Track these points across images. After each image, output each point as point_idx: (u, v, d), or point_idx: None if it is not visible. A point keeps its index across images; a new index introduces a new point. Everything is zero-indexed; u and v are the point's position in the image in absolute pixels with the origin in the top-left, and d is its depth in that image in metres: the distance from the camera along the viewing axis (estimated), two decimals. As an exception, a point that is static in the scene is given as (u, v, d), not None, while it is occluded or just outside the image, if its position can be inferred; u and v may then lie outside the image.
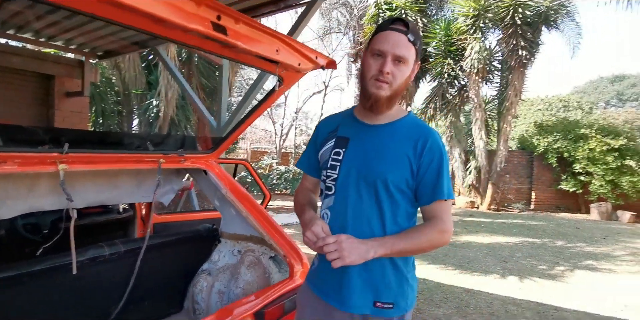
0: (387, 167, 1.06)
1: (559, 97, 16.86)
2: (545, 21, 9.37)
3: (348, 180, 1.11)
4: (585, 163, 9.91)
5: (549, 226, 8.22)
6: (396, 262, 1.09)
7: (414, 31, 1.07)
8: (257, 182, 3.25)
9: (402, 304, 1.09)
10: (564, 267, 4.99)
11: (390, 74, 1.05)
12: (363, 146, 1.12)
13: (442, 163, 1.07)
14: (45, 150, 1.24)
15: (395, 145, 1.08)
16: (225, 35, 1.12)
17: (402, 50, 1.04)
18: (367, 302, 1.08)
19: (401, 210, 1.09)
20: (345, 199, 1.11)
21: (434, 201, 1.07)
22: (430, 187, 1.07)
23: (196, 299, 2.08)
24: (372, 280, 1.08)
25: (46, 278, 1.44)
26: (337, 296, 1.11)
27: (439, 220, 1.07)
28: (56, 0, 0.85)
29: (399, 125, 1.12)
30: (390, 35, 1.05)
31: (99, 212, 2.31)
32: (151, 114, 7.89)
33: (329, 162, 1.15)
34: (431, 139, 1.07)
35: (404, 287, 1.10)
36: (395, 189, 1.06)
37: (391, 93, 1.07)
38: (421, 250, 1.08)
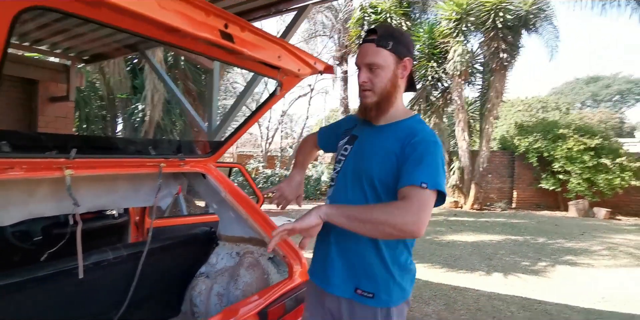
0: (373, 165, 1.13)
1: (538, 98, 17.39)
2: (525, 25, 9.70)
3: (345, 175, 1.21)
4: (564, 162, 10.25)
5: (530, 224, 8.48)
6: (382, 255, 1.13)
7: (385, 35, 1.13)
8: (250, 185, 3.28)
9: (383, 297, 1.12)
10: (546, 263, 5.17)
11: (367, 82, 1.15)
12: (362, 144, 1.21)
13: (427, 154, 1.05)
14: (52, 156, 1.26)
15: (387, 144, 1.14)
16: (233, 42, 1.17)
17: (370, 58, 1.13)
18: (349, 287, 1.15)
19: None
20: (339, 191, 1.21)
21: (405, 186, 1.02)
22: (405, 173, 1.05)
23: (195, 302, 2.09)
24: (352, 265, 1.15)
25: (50, 283, 1.44)
26: (322, 277, 1.20)
27: (405, 200, 1.00)
28: (80, 13, 0.88)
29: (398, 126, 1.18)
30: (360, 48, 1.18)
31: (95, 217, 2.30)
32: (136, 119, 7.79)
33: (338, 157, 1.26)
34: (417, 137, 1.09)
35: (388, 281, 1.13)
36: (380, 185, 1.12)
37: (377, 98, 1.16)
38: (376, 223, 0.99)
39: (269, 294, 1.65)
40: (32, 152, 1.24)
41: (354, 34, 10.50)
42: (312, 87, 16.38)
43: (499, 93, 9.98)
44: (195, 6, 1.03)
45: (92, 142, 1.76)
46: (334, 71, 1.68)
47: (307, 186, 12.19)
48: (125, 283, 1.77)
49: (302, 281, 1.84)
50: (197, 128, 4.52)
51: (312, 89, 16.43)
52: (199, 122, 4.22)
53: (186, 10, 1.02)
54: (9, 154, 1.18)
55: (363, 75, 1.15)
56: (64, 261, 1.47)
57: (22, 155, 1.21)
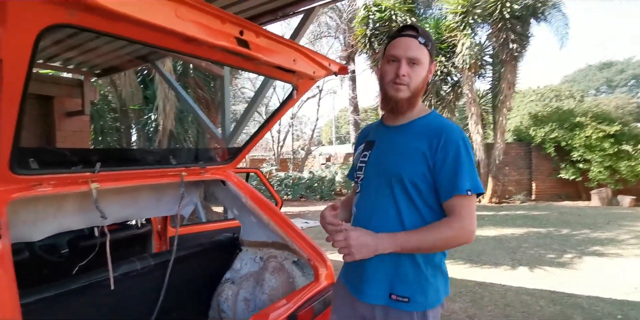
0: (402, 164, 1.10)
1: (551, 87, 17.08)
2: (533, 14, 9.52)
3: (369, 180, 1.18)
4: (583, 151, 10.03)
5: (552, 215, 8.30)
6: (415, 258, 1.10)
7: (424, 34, 1.14)
8: (269, 189, 3.28)
9: (419, 300, 1.09)
10: (572, 255, 5.05)
11: (406, 76, 1.11)
12: (383, 146, 1.19)
13: (460, 157, 1.06)
14: (78, 171, 1.28)
15: (411, 142, 1.12)
16: (249, 49, 1.16)
17: (415, 53, 1.11)
18: (383, 293, 1.11)
19: (420, 206, 1.10)
20: (367, 196, 1.18)
21: (452, 197, 1.05)
22: (446, 182, 1.06)
23: (222, 308, 2.10)
24: (386, 272, 1.11)
25: (83, 296, 1.46)
26: (357, 286, 1.17)
27: (456, 217, 1.05)
28: (100, 28, 0.89)
29: (418, 123, 1.16)
30: (401, 40, 1.13)
31: (119, 228, 2.34)
32: (150, 128, 7.90)
33: (358, 164, 1.24)
34: (446, 135, 1.08)
35: (422, 283, 1.10)
36: (410, 185, 1.09)
37: (410, 94, 1.13)
38: (436, 249, 1.08)
39: (297, 297, 1.64)
40: (58, 167, 1.26)
41: (359, 33, 10.45)
42: (321, 88, 16.41)
43: (511, 84, 9.81)
44: (211, 14, 1.04)
45: (114, 155, 1.79)
46: (348, 72, 1.67)
47: (322, 187, 12.19)
48: (153, 292, 1.79)
49: (328, 284, 1.83)
50: (211, 135, 4.55)
51: (320, 90, 16.46)
52: (212, 129, 4.25)
53: (202, 19, 1.03)
54: (37, 170, 1.20)
55: (405, 68, 1.10)
56: (93, 273, 1.49)
57: (49, 172, 1.23)
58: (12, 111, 0.97)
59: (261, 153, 21.80)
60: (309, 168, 16.17)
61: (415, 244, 1.04)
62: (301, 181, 12.29)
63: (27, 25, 0.83)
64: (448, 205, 1.07)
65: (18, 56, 0.88)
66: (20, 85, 0.93)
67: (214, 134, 4.23)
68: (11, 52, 0.86)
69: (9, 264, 1.00)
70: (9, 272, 0.99)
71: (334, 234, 1.05)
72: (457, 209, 1.05)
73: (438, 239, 1.04)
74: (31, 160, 1.19)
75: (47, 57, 4.12)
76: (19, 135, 1.04)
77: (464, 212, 1.04)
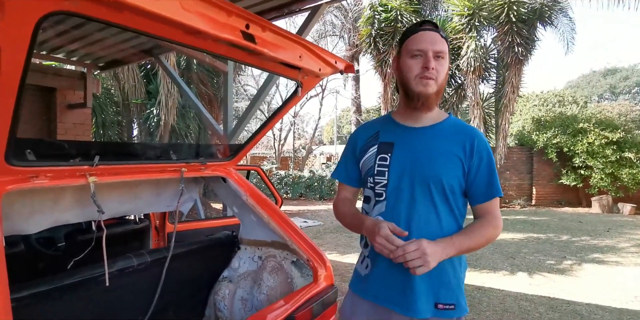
0: (440, 168, 1.08)
1: (554, 92, 16.99)
2: (540, 18, 9.46)
3: (400, 185, 1.10)
4: (585, 157, 9.98)
5: (553, 221, 8.27)
6: (453, 262, 1.09)
7: (441, 31, 1.13)
8: (269, 187, 3.26)
9: (463, 304, 1.09)
10: (572, 261, 5.02)
11: (434, 70, 1.08)
12: (411, 149, 1.12)
13: (492, 161, 1.11)
14: (76, 164, 1.25)
15: (445, 146, 1.10)
16: (254, 43, 1.13)
17: (440, 46, 1.09)
18: (430, 306, 1.07)
19: (455, 210, 1.11)
20: (398, 203, 1.10)
21: (491, 199, 1.11)
22: (484, 185, 1.10)
23: (219, 307, 2.08)
24: (432, 281, 1.07)
25: (77, 291, 1.44)
26: (400, 301, 1.09)
27: (492, 217, 1.10)
28: (102, 17, 0.86)
29: (443, 126, 1.14)
30: (424, 34, 1.10)
31: (117, 222, 2.31)
32: (152, 123, 7.88)
33: (375, 169, 1.14)
34: (477, 139, 1.11)
35: (461, 286, 1.11)
36: (449, 190, 1.08)
37: (437, 88, 1.11)
38: (480, 247, 1.10)
39: (295, 299, 1.62)
40: (56, 160, 1.23)
41: (364, 33, 10.40)
42: (324, 87, 16.38)
43: (515, 88, 9.75)
44: (217, 6, 1.01)
45: (114, 148, 1.76)
46: (354, 70, 1.64)
47: (322, 186, 12.16)
48: (150, 289, 1.76)
49: (327, 285, 1.80)
50: (212, 131, 4.53)
51: (323, 89, 16.43)
52: (214, 125, 4.22)
53: (208, 11, 1.00)
54: (33, 162, 1.17)
55: (433, 62, 1.07)
56: (89, 269, 1.47)
57: (46, 164, 1.20)
58: (9, 101, 0.94)
59: (262, 151, 21.78)
60: (310, 167, 16.15)
61: (468, 245, 1.05)
62: (301, 180, 12.27)
63: (25, 13, 0.80)
64: (483, 207, 1.12)
65: (16, 45, 0.85)
66: (18, 74, 0.90)
67: (215, 130, 4.20)
68: (9, 41, 0.83)
69: (1, 259, 0.97)
70: (1, 266, 0.96)
71: (405, 246, 0.95)
72: (492, 210, 1.12)
73: (484, 238, 1.08)
74: (28, 151, 1.16)
75: (51, 48, 4.09)
76: (16, 126, 1.01)
77: (497, 212, 1.13)
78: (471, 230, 1.08)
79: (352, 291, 1.24)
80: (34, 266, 2.18)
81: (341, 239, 6.22)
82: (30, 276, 1.62)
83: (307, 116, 24.94)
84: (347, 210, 1.24)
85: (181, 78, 5.87)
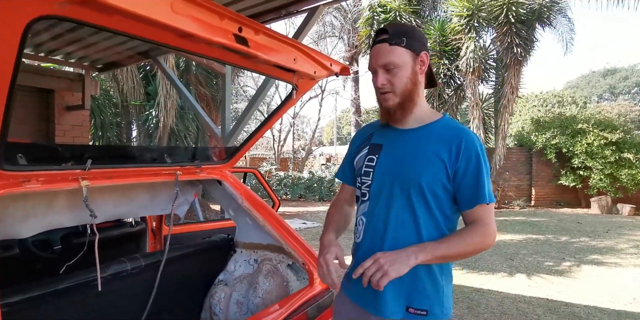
0: (420, 171, 1.05)
1: (553, 92, 16.99)
2: (538, 18, 9.47)
3: (381, 186, 1.10)
4: (584, 157, 9.98)
5: (552, 222, 8.26)
6: (432, 270, 1.07)
7: (397, 32, 1.08)
8: (266, 190, 3.25)
9: (437, 312, 1.06)
10: (571, 263, 5.01)
11: (386, 84, 1.08)
12: (395, 151, 1.12)
13: (480, 165, 1.04)
14: (68, 168, 1.24)
15: (428, 148, 1.07)
16: (247, 46, 1.13)
17: (385, 58, 1.07)
18: (399, 307, 1.06)
19: (437, 215, 1.07)
20: (378, 204, 1.11)
21: (476, 205, 1.05)
22: (470, 191, 1.04)
23: (214, 310, 2.07)
24: (403, 284, 1.06)
25: (70, 296, 1.43)
26: (372, 302, 1.10)
27: (481, 224, 1.05)
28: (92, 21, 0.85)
29: (432, 128, 1.11)
30: (373, 50, 1.12)
31: (113, 225, 2.30)
32: (150, 125, 7.87)
33: (363, 169, 1.16)
34: (465, 141, 1.05)
35: (439, 294, 1.07)
36: (429, 193, 1.05)
37: (399, 99, 1.09)
38: (464, 255, 1.06)
39: (290, 302, 1.61)
40: (48, 164, 1.23)
41: (363, 34, 10.41)
42: (323, 89, 16.38)
43: (514, 89, 9.76)
44: (208, 10, 1.00)
45: (107, 152, 1.75)
46: (350, 73, 1.63)
47: (321, 187, 12.15)
48: (144, 293, 1.75)
49: (323, 289, 1.79)
50: (211, 133, 4.52)
51: (323, 90, 16.42)
52: (212, 127, 4.22)
53: (199, 14, 0.99)
54: (25, 166, 1.16)
55: (381, 78, 1.08)
56: (83, 273, 1.46)
57: (38, 168, 1.19)
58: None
59: (262, 152, 21.76)
60: (309, 168, 16.13)
61: (445, 252, 1.01)
62: (301, 181, 12.25)
63: (14, 17, 0.79)
64: (470, 213, 1.07)
65: (5, 48, 0.84)
66: (7, 77, 0.89)
67: (213, 132, 4.19)
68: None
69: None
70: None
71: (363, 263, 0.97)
72: (480, 216, 1.06)
73: (466, 245, 1.03)
74: (19, 155, 1.15)
75: (49, 50, 4.08)
76: (7, 130, 1.00)
77: (487, 219, 1.06)
78: (452, 237, 1.05)
79: (341, 290, 1.26)
80: (30, 269, 2.17)
81: (341, 240, 6.20)
82: (27, 279, 1.61)
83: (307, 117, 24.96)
84: (331, 215, 1.31)
85: (180, 80, 5.87)
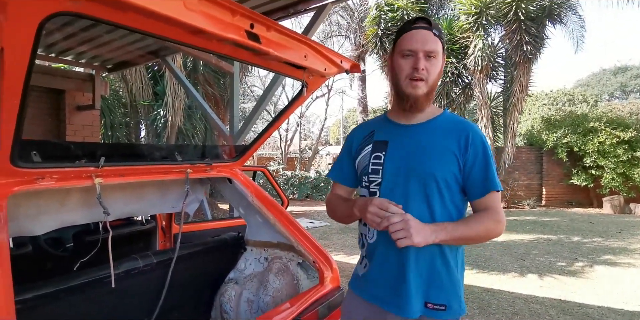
0: (434, 164, 1.06)
1: (564, 91, 16.75)
2: (549, 15, 9.34)
3: (394, 183, 1.10)
4: (596, 156, 9.84)
5: (563, 222, 8.15)
6: (448, 262, 1.07)
7: (437, 26, 1.10)
8: (275, 188, 3.24)
9: (455, 307, 1.06)
10: (583, 263, 4.93)
11: (425, 70, 1.06)
12: (405, 147, 1.11)
13: (488, 155, 1.07)
14: (82, 165, 1.25)
15: (438, 142, 1.08)
16: (259, 43, 1.12)
17: (431, 45, 1.07)
18: (418, 303, 1.06)
19: (450, 207, 1.08)
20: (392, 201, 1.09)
21: (487, 193, 1.07)
22: (480, 180, 1.07)
23: (224, 308, 2.07)
24: (421, 278, 1.06)
25: (82, 293, 1.44)
26: (394, 301, 1.08)
27: (493, 211, 1.07)
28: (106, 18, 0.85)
29: (438, 122, 1.12)
30: (416, 33, 1.08)
31: (124, 223, 2.32)
32: (159, 124, 7.93)
33: (370, 167, 1.14)
34: (472, 133, 1.08)
35: (456, 288, 1.08)
36: (444, 186, 1.06)
37: (428, 89, 1.09)
38: (478, 238, 1.07)
39: (301, 301, 1.60)
40: (62, 161, 1.23)
41: (370, 33, 10.35)
42: (330, 88, 16.35)
43: (524, 87, 9.63)
44: (221, 6, 0.99)
45: (119, 150, 1.76)
46: (360, 70, 1.61)
47: (328, 187, 12.13)
48: (155, 290, 1.75)
49: (333, 287, 1.78)
50: (219, 132, 4.54)
51: (329, 90, 16.41)
52: (220, 126, 4.23)
53: (212, 10, 0.98)
54: (39, 164, 1.17)
55: (422, 62, 1.05)
56: (95, 270, 1.46)
57: (52, 165, 1.20)
58: (14, 102, 0.94)
59: (269, 151, 21.81)
60: (316, 168, 16.14)
61: (462, 233, 1.02)
62: (307, 180, 12.25)
63: (28, 14, 0.80)
64: (481, 202, 1.08)
65: (20, 45, 0.84)
66: (22, 75, 0.90)
67: (221, 131, 4.20)
68: (12, 41, 0.82)
69: (5, 260, 0.97)
70: (6, 268, 0.96)
71: (390, 217, 0.97)
72: (492, 204, 1.08)
73: (482, 229, 1.05)
74: (33, 153, 1.16)
75: (59, 50, 4.13)
76: (21, 127, 1.01)
77: (498, 206, 1.08)
78: (468, 219, 1.07)
79: (351, 290, 1.24)
80: (42, 266, 2.19)
81: (348, 240, 6.19)
82: (39, 276, 1.62)
83: (313, 117, 24.94)
84: (339, 202, 1.24)
85: (188, 79, 5.91)
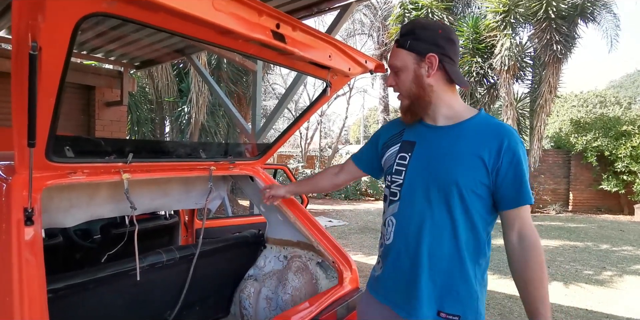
0: (457, 170, 1.00)
1: (595, 92, 16.13)
2: (581, 14, 8.99)
3: (415, 186, 1.06)
4: (628, 161, 9.41)
5: (591, 228, 7.84)
6: (467, 274, 1.03)
7: (406, 32, 1.08)
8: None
9: (470, 318, 1.02)
10: (612, 272, 4.74)
11: (394, 85, 1.12)
12: (430, 149, 1.07)
13: (523, 164, 1.00)
14: (111, 161, 1.29)
15: (466, 146, 1.02)
16: (284, 43, 1.12)
17: (391, 61, 1.12)
18: (431, 312, 1.03)
19: (474, 216, 1.02)
20: (412, 205, 1.06)
21: (519, 206, 1.00)
22: (513, 191, 0.99)
23: (244, 305, 2.10)
24: (436, 287, 1.03)
25: (109, 284, 1.49)
26: (405, 306, 1.07)
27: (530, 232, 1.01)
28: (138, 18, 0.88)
29: (469, 125, 1.06)
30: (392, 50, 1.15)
31: (148, 218, 2.38)
32: (183, 121, 8.10)
33: (394, 167, 1.12)
34: (507, 139, 0.99)
35: (473, 299, 1.03)
36: (468, 194, 1.00)
37: (408, 101, 1.10)
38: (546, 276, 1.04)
39: (320, 301, 1.60)
40: (92, 157, 1.28)
41: (394, 31, 10.24)
42: (352, 86, 16.27)
43: (552, 88, 9.31)
44: (248, 6, 1.00)
45: (146, 146, 1.81)
46: (385, 69, 1.59)
47: (347, 187, 12.09)
48: (178, 284, 1.80)
49: (352, 288, 1.78)
50: (241, 130, 4.60)
51: (351, 88, 16.33)
52: (242, 124, 4.28)
53: (239, 11, 0.99)
54: (72, 159, 1.21)
55: (390, 79, 1.13)
56: (121, 262, 1.51)
57: (83, 160, 1.24)
58: (50, 99, 0.97)
59: (289, 149, 21.93)
60: (336, 166, 16.05)
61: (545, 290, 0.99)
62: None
63: (66, 14, 0.82)
64: (511, 214, 1.02)
65: (57, 44, 0.87)
66: (58, 73, 0.93)
67: (244, 128, 4.25)
68: (50, 41, 0.85)
69: (39, 250, 1.01)
70: (39, 258, 1.00)
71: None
72: (522, 219, 1.01)
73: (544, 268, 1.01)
74: (67, 148, 1.20)
75: (91, 48, 4.28)
76: (56, 124, 1.05)
77: (527, 221, 1.02)
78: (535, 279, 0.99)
79: (367, 290, 1.23)
80: (72, 256, 2.28)
81: (366, 239, 6.15)
82: (68, 266, 1.68)
83: (334, 115, 24.93)
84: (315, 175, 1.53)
85: (211, 77, 6.01)
